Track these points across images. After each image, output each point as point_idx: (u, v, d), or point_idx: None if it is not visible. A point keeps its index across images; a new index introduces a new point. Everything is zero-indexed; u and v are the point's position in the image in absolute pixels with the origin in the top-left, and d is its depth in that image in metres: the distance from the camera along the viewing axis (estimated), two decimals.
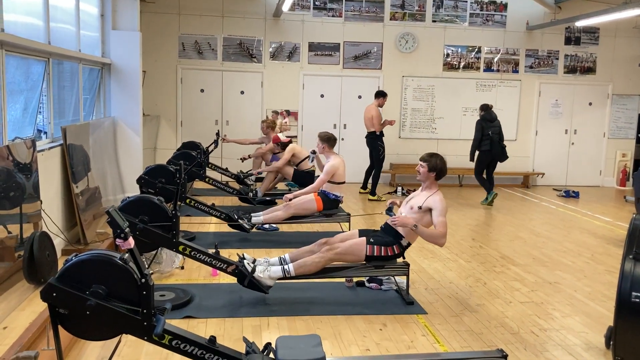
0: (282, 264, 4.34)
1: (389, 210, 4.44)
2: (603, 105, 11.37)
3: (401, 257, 4.48)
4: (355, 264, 4.42)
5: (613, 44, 11.17)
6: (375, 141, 9.14)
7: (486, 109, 9.05)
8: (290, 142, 8.22)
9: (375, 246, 4.35)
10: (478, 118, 9.10)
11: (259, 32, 10.22)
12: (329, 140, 6.36)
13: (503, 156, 9.00)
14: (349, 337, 3.83)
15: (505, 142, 9.05)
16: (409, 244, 4.44)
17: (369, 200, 9.03)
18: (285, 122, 10.26)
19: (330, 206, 6.33)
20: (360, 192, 9.49)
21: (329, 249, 4.32)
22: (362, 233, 4.55)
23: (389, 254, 4.38)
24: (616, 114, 11.41)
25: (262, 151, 8.53)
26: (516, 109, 11.09)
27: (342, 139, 10.60)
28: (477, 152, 9.02)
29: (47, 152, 5.20)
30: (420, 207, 4.32)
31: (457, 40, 10.76)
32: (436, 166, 4.40)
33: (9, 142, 4.47)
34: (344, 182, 6.38)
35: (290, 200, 6.20)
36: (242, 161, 8.67)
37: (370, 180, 9.33)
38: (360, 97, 10.50)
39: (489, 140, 8.85)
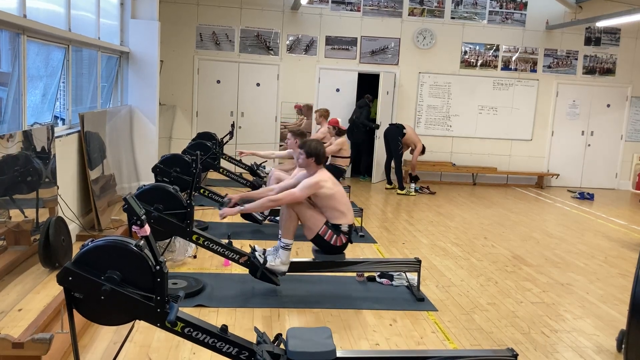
0: (279, 244, 4.32)
1: (222, 205, 4.51)
2: (621, 107, 11.23)
3: (348, 244, 4.39)
4: (366, 257, 4.39)
5: (634, 46, 11.02)
6: (397, 135, 9.36)
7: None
8: (345, 130, 8.21)
9: (329, 231, 4.27)
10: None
11: (276, 24, 10.22)
12: (301, 135, 6.32)
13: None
14: (359, 331, 3.84)
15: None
16: (350, 227, 4.33)
17: (398, 194, 9.16)
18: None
19: None
20: (386, 189, 9.56)
21: (293, 196, 4.21)
22: None
23: (337, 244, 4.30)
24: (634, 117, 11.27)
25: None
26: (533, 109, 10.99)
27: None
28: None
29: (65, 139, 5.25)
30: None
31: (475, 37, 10.68)
32: (313, 150, 4.29)
33: (28, 127, 4.52)
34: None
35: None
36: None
37: (393, 176, 9.65)
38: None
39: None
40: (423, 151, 9.54)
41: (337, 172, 7.80)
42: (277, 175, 6.34)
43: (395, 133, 9.41)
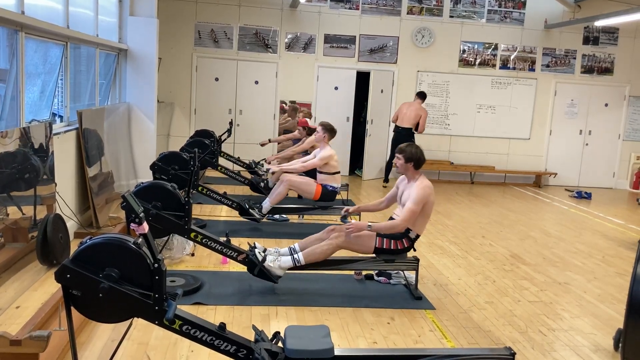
0: (291, 254, 4.35)
1: (344, 218, 4.55)
2: (619, 106, 11.25)
3: (412, 250, 4.48)
4: (364, 255, 4.42)
5: (632, 45, 11.03)
6: (411, 138, 9.23)
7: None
8: (315, 129, 7.46)
9: (385, 239, 4.34)
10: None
11: (275, 22, 10.21)
12: (331, 131, 6.49)
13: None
14: (357, 330, 3.84)
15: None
16: (417, 236, 4.43)
17: None
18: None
19: (327, 198, 6.39)
20: (384, 187, 9.61)
21: (338, 236, 4.31)
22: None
23: (399, 248, 4.37)
24: (632, 116, 11.29)
25: (290, 151, 8.06)
26: (531, 108, 11.00)
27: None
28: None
29: (63, 136, 5.24)
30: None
31: (474, 36, 10.67)
32: (412, 155, 4.35)
33: (26, 124, 4.51)
34: (338, 172, 6.53)
35: (273, 171, 6.59)
36: (262, 146, 8.91)
37: (392, 175, 9.70)
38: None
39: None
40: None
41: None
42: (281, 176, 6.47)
43: (408, 136, 9.21)
